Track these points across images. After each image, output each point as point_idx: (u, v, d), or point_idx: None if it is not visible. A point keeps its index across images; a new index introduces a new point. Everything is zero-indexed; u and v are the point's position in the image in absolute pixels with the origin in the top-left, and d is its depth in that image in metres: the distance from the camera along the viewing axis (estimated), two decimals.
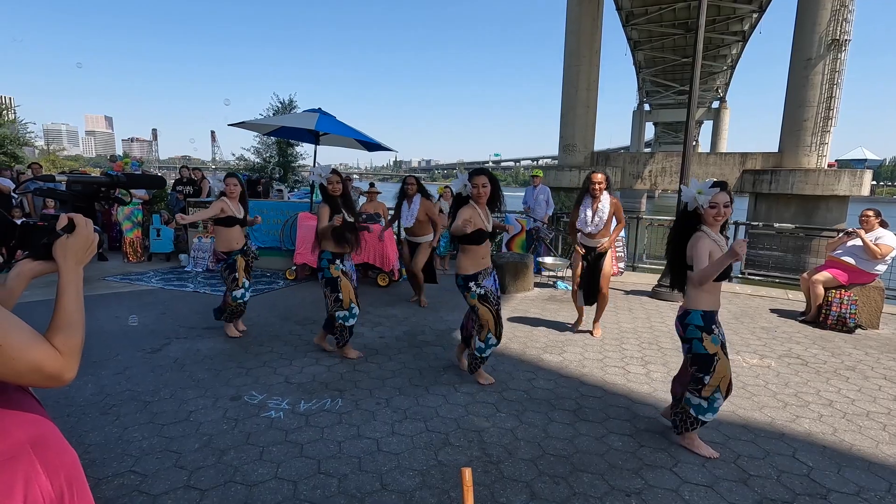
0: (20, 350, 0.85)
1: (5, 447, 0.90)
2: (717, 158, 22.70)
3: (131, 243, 8.06)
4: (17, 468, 0.91)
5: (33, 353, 0.87)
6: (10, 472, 0.89)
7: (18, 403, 0.97)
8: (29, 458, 0.93)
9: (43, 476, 0.94)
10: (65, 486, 0.99)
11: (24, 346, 0.86)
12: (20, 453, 0.92)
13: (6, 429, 0.92)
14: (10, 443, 0.91)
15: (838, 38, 18.00)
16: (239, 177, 4.52)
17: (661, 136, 74.08)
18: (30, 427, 0.96)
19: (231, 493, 2.28)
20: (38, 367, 0.87)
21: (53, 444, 1.00)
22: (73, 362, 0.94)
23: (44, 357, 0.88)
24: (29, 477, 0.92)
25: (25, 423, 0.96)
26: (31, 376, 0.87)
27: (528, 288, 6.72)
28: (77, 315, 0.99)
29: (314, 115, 6.81)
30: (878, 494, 2.42)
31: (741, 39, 36.27)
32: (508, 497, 2.33)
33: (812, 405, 3.39)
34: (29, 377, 0.87)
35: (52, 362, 0.89)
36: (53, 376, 0.90)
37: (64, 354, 0.92)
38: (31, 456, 0.93)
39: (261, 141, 15.36)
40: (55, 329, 0.95)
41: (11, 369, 0.85)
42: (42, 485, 0.94)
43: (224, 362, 3.86)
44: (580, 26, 23.05)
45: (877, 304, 5.26)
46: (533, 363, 4.06)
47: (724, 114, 55.27)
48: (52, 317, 0.97)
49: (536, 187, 8.32)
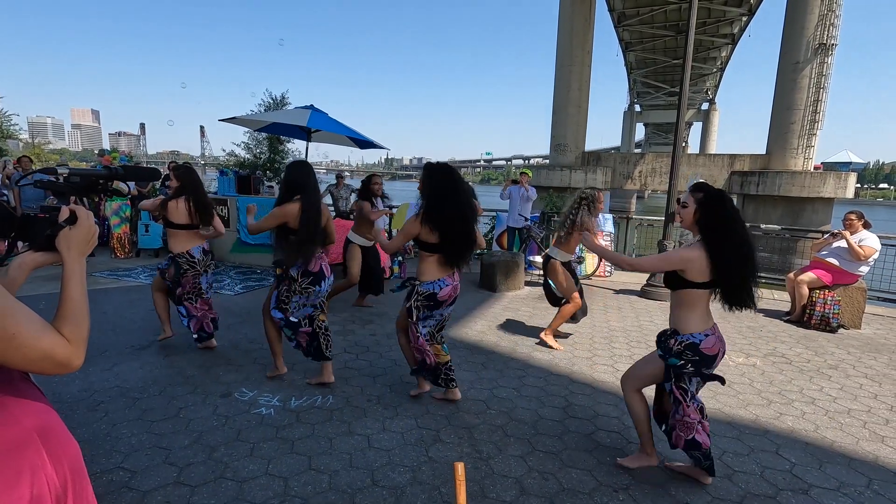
0: (33, 339, 0.88)
1: (14, 435, 0.91)
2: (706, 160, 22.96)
3: (119, 239, 7.96)
4: (25, 456, 0.92)
5: (45, 341, 0.90)
6: (17, 459, 0.90)
7: (25, 392, 0.98)
8: (36, 446, 0.94)
9: (49, 465, 0.95)
10: (69, 476, 1.00)
11: (36, 334, 0.89)
12: (28, 441, 0.93)
13: (15, 417, 0.93)
14: (19, 431, 0.92)
15: (825, 43, 18.28)
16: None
17: (652, 137, 74.70)
18: (36, 416, 0.97)
19: (222, 490, 2.28)
20: (50, 355, 0.90)
21: (58, 434, 1.02)
22: (81, 350, 0.97)
23: (54, 345, 0.91)
24: (35, 466, 0.93)
25: (32, 412, 0.97)
26: (42, 363, 0.90)
27: (519, 286, 6.75)
28: (82, 304, 1.01)
29: (306, 112, 6.78)
30: (857, 489, 2.49)
31: (731, 42, 36.67)
32: (498, 493, 2.35)
33: (795, 403, 3.46)
34: (40, 364, 0.90)
35: (61, 350, 0.92)
36: (63, 363, 0.93)
37: (72, 342, 0.95)
38: (38, 445, 0.95)
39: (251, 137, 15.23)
40: (62, 318, 0.97)
41: (24, 357, 0.87)
42: (48, 474, 0.95)
43: (214, 359, 3.85)
44: (573, 27, 23.16)
45: (859, 305, 5.37)
46: (523, 361, 4.09)
47: (713, 115, 55.89)
48: (59, 307, 0.99)
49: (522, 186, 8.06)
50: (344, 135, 7.22)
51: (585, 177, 22.92)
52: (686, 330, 2.33)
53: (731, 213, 2.30)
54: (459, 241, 2.95)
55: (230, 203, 7.89)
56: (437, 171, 2.99)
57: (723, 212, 2.29)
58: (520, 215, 7.98)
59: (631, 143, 61.04)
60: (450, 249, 2.95)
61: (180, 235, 3.81)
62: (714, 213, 2.30)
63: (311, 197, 3.20)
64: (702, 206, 2.33)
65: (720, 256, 2.25)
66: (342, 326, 4.77)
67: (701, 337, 2.31)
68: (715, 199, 2.33)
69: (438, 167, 3.03)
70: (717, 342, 2.34)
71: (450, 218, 2.89)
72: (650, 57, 40.37)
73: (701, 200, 2.34)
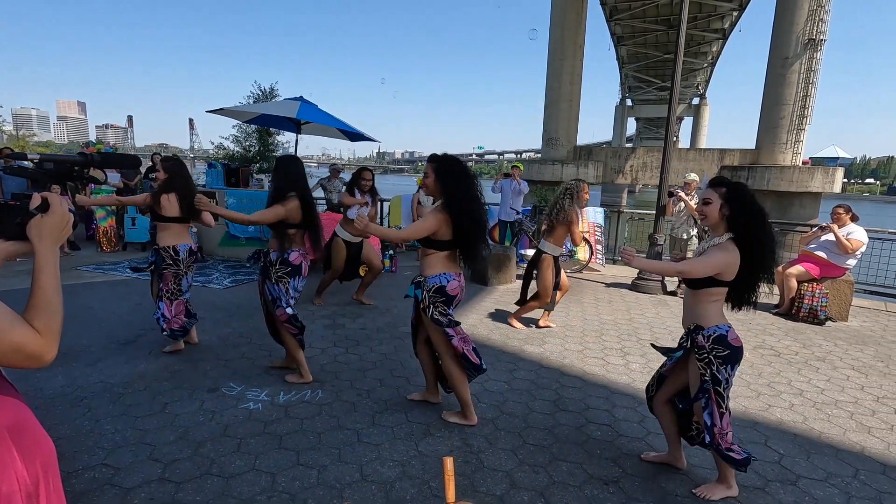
0: (3, 332, 0.85)
1: None
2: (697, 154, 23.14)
3: (105, 232, 7.83)
4: None
5: (15, 333, 0.87)
6: None
7: None
8: (5, 443, 0.92)
9: (19, 462, 0.94)
10: (40, 474, 0.98)
11: (5, 327, 0.86)
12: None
13: None
14: None
15: (815, 38, 18.43)
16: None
17: (643, 132, 74.98)
18: (7, 413, 0.95)
19: (207, 486, 2.24)
20: (20, 348, 0.87)
21: (30, 431, 1.00)
22: (53, 343, 0.94)
23: (25, 337, 0.88)
24: (5, 463, 0.91)
25: (2, 409, 0.95)
26: (12, 357, 0.87)
27: (510, 280, 6.74)
28: (55, 295, 0.98)
29: (296, 104, 6.68)
30: (844, 480, 2.51)
31: (721, 37, 36.88)
32: (489, 486, 2.34)
33: (784, 395, 3.49)
34: (10, 357, 0.87)
35: (32, 343, 0.89)
36: (34, 356, 0.90)
37: (44, 335, 0.92)
38: (8, 442, 0.93)
39: (240, 129, 15.03)
40: (34, 309, 0.94)
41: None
42: (18, 470, 0.93)
43: (201, 353, 3.79)
44: (565, 20, 23.12)
45: (846, 298, 5.43)
46: (514, 354, 4.08)
47: (703, 110, 56.22)
48: (30, 297, 0.96)
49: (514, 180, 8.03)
50: (334, 127, 7.12)
51: (577, 171, 22.99)
52: (709, 323, 2.22)
53: (760, 206, 2.19)
54: (475, 238, 2.80)
55: (218, 196, 7.79)
56: (457, 165, 2.82)
57: (753, 206, 2.17)
58: (511, 209, 7.95)
59: (622, 137, 61.24)
60: (465, 245, 2.80)
61: (171, 229, 3.69)
62: (744, 209, 2.16)
63: (308, 193, 3.39)
64: (729, 201, 2.18)
65: (752, 254, 2.15)
66: (332, 320, 4.73)
67: (726, 328, 2.21)
68: (742, 193, 2.18)
69: (456, 161, 2.86)
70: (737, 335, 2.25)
71: (471, 214, 2.74)
72: (642, 51, 40.47)
73: (727, 196, 2.18)
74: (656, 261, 2.32)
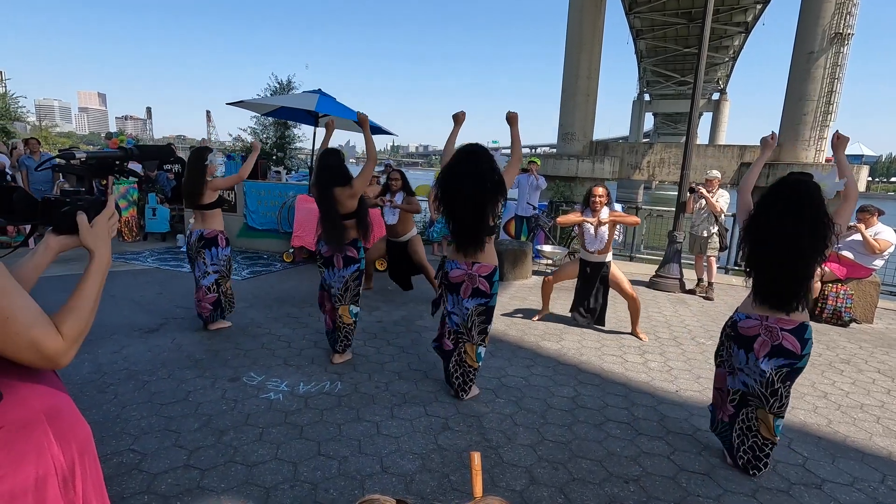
0: (25, 326, 0.85)
1: (21, 415, 0.91)
2: (716, 150, 22.67)
3: (126, 222, 7.97)
4: (31, 437, 0.91)
5: (37, 331, 0.87)
6: (23, 440, 0.90)
7: (37, 374, 0.97)
8: (43, 427, 0.94)
9: (55, 446, 0.95)
10: (76, 458, 1.00)
11: (29, 323, 0.86)
12: (34, 422, 0.93)
13: (24, 397, 0.92)
14: (26, 411, 0.92)
15: (841, 32, 17.89)
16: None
17: (661, 127, 73.84)
18: (46, 397, 0.97)
19: (231, 473, 2.28)
20: (38, 347, 0.87)
21: (67, 415, 1.01)
22: (72, 349, 0.94)
23: (45, 337, 0.88)
24: (41, 446, 0.93)
25: (42, 393, 0.96)
26: (26, 352, 0.87)
27: (527, 276, 6.72)
28: (92, 303, 1.00)
29: (314, 96, 6.70)
30: (871, 485, 2.46)
31: (744, 31, 35.99)
32: (508, 482, 2.34)
33: (807, 397, 3.43)
34: (24, 353, 0.87)
35: (51, 344, 0.89)
36: (49, 358, 0.90)
37: (66, 339, 0.92)
38: (45, 426, 0.94)
39: (258, 121, 15.13)
40: (68, 311, 0.95)
41: (13, 344, 0.85)
42: (54, 454, 0.95)
43: (222, 343, 3.85)
44: (583, 13, 22.79)
45: (871, 299, 5.30)
46: (531, 350, 4.07)
47: (723, 106, 55.04)
48: (70, 298, 0.97)
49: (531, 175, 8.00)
50: (352, 120, 7.13)
51: (593, 166, 22.74)
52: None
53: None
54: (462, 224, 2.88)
55: (237, 188, 7.86)
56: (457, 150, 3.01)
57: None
58: (528, 204, 7.90)
59: (640, 132, 60.35)
60: (455, 231, 2.95)
61: (195, 215, 4.03)
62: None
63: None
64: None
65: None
66: None
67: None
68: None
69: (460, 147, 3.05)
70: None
71: (451, 197, 2.85)
72: (661, 45, 39.72)
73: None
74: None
